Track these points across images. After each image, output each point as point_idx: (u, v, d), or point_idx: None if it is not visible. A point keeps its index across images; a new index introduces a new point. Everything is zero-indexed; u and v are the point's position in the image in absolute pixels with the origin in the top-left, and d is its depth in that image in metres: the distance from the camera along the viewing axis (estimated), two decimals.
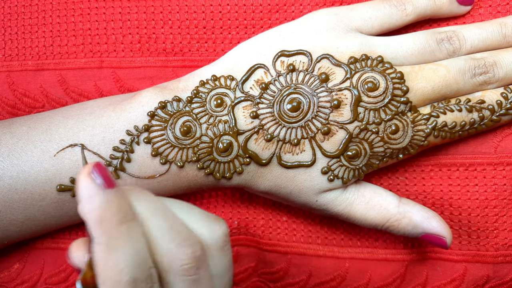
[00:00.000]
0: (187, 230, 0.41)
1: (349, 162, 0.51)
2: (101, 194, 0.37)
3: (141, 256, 0.38)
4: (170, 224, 0.40)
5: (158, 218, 0.40)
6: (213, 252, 0.43)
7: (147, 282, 0.38)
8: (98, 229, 0.37)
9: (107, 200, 0.37)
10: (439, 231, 0.52)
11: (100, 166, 0.38)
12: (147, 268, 0.38)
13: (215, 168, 0.51)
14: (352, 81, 0.50)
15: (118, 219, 0.37)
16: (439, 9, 0.54)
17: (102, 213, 0.37)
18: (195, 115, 0.51)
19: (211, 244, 0.43)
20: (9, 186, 0.50)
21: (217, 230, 0.43)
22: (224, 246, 0.44)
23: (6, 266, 0.59)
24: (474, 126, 0.52)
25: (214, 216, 0.45)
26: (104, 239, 0.37)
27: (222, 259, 0.44)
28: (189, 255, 0.40)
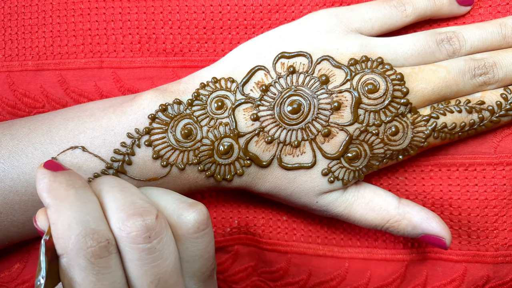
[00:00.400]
0: (143, 202, 0.43)
1: (349, 164, 0.51)
2: (49, 172, 0.44)
3: (91, 216, 0.41)
4: (125, 196, 0.43)
5: (114, 192, 0.43)
6: (182, 236, 0.44)
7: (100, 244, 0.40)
8: (47, 196, 0.42)
9: (54, 175, 0.43)
10: (438, 232, 0.52)
11: (50, 161, 0.45)
12: (99, 231, 0.41)
13: (216, 170, 0.51)
14: (352, 83, 0.50)
15: (65, 185, 0.42)
16: (439, 10, 0.54)
17: (50, 183, 0.42)
18: (196, 118, 0.51)
19: (179, 228, 0.44)
20: (10, 188, 0.50)
21: (186, 215, 0.44)
22: (194, 233, 0.44)
23: (7, 266, 0.59)
24: (473, 127, 0.52)
25: (191, 202, 0.45)
26: (53, 202, 0.41)
27: (193, 246, 0.45)
28: (137, 224, 0.41)
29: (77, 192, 0.42)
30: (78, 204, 0.41)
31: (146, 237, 0.41)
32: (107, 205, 0.43)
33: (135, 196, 0.43)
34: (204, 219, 0.45)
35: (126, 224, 0.41)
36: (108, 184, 0.45)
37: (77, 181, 0.43)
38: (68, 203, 0.41)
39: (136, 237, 0.41)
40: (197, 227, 0.44)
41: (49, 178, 0.43)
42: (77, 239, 0.40)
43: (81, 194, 0.42)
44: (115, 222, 0.42)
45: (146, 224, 0.41)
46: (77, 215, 0.40)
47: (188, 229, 0.44)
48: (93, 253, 0.40)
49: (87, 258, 0.40)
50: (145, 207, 0.42)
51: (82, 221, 0.40)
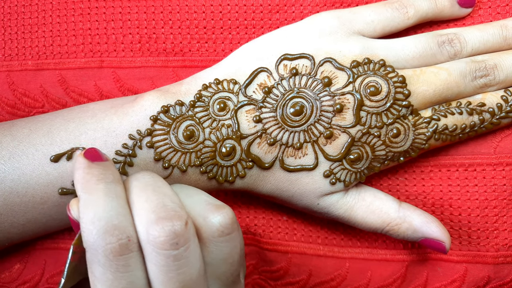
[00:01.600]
0: (175, 206, 0.42)
1: (351, 166, 0.51)
2: (85, 163, 0.44)
3: (115, 211, 0.41)
4: (159, 197, 0.42)
5: (147, 191, 0.43)
6: (207, 239, 0.44)
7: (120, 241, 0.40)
8: (79, 188, 0.42)
9: (89, 166, 0.43)
10: (438, 236, 0.52)
11: (91, 149, 0.46)
12: (120, 227, 0.40)
13: (218, 172, 0.51)
14: (354, 85, 0.50)
15: (96, 178, 0.42)
16: (440, 12, 0.55)
17: (84, 175, 0.43)
18: (198, 119, 0.51)
19: (204, 231, 0.44)
20: (10, 189, 0.49)
21: (211, 218, 0.44)
22: (220, 236, 0.44)
23: (7, 266, 0.59)
24: (474, 129, 0.53)
25: (218, 205, 0.45)
26: (83, 194, 0.42)
27: (217, 249, 0.44)
28: (166, 229, 0.40)
29: (107, 187, 0.42)
30: (104, 198, 0.41)
31: (173, 244, 0.40)
32: (137, 203, 0.42)
33: (167, 197, 0.43)
34: (230, 223, 0.44)
35: (154, 228, 0.40)
36: (142, 181, 0.44)
37: (109, 175, 0.43)
38: (96, 197, 0.41)
39: (163, 242, 0.40)
40: (222, 230, 0.44)
41: (84, 169, 0.43)
42: (98, 234, 0.40)
43: (110, 189, 0.42)
44: (143, 223, 0.41)
45: (175, 230, 0.40)
46: (100, 210, 0.40)
47: (213, 233, 0.44)
48: (112, 250, 0.40)
49: (106, 254, 0.40)
50: (176, 211, 0.41)
51: (105, 217, 0.40)
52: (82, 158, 0.44)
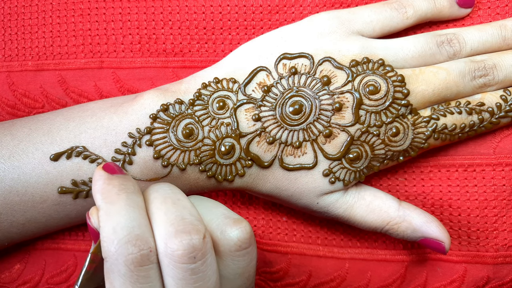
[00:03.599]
0: (193, 219, 0.42)
1: (350, 165, 0.51)
2: (105, 175, 0.43)
3: (137, 222, 0.41)
4: (178, 209, 0.42)
5: (167, 204, 0.43)
6: (224, 253, 0.44)
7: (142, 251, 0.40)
8: (100, 198, 0.42)
9: (109, 177, 0.43)
10: (438, 236, 0.52)
11: (109, 163, 0.45)
12: (143, 238, 0.40)
13: (217, 171, 0.51)
14: (353, 84, 0.50)
15: (117, 189, 0.42)
16: (439, 12, 0.55)
17: (104, 186, 0.42)
18: (197, 118, 0.51)
19: (221, 245, 0.44)
20: (10, 188, 0.50)
21: (229, 232, 0.44)
22: (236, 251, 0.44)
23: (7, 267, 0.59)
24: (473, 128, 0.53)
25: (236, 219, 0.45)
26: (104, 204, 0.41)
27: (233, 263, 0.44)
28: (184, 243, 0.40)
29: (128, 197, 0.42)
30: (126, 209, 0.41)
31: (191, 257, 0.40)
32: (156, 215, 0.42)
33: (186, 210, 0.43)
34: (247, 237, 0.44)
35: (173, 241, 0.40)
36: (162, 193, 0.44)
37: (130, 186, 0.43)
38: (118, 208, 0.41)
39: (181, 256, 0.40)
40: (239, 245, 0.44)
41: (104, 180, 0.43)
42: (120, 244, 0.39)
43: (131, 199, 0.42)
44: (162, 236, 0.41)
45: (193, 244, 0.40)
46: (123, 220, 0.40)
47: (230, 247, 0.44)
48: (133, 260, 0.40)
49: (127, 264, 0.39)
50: (194, 225, 0.41)
51: (127, 227, 0.40)
52: (101, 170, 0.44)
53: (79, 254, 0.60)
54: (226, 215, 0.45)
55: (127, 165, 0.50)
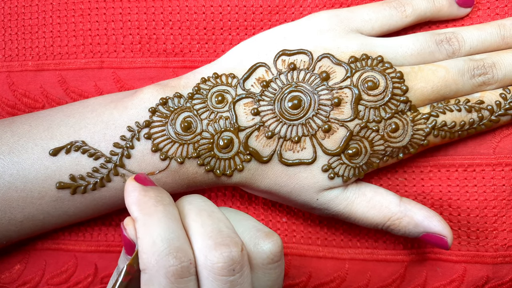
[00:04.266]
0: (230, 232, 0.42)
1: (349, 160, 0.51)
2: (140, 186, 0.44)
3: (176, 234, 0.41)
4: (214, 222, 0.42)
5: (202, 216, 0.43)
6: (256, 265, 0.44)
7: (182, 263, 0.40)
8: (136, 209, 0.42)
9: (144, 189, 0.43)
10: (440, 231, 0.51)
11: (140, 174, 0.45)
12: (183, 250, 0.40)
13: (216, 165, 0.51)
14: (352, 80, 0.51)
15: (154, 201, 0.42)
16: (438, 11, 0.55)
17: (140, 197, 0.42)
18: (196, 111, 0.51)
19: (254, 258, 0.44)
20: (9, 184, 0.50)
21: (262, 245, 0.44)
22: (269, 264, 0.44)
23: (7, 267, 0.59)
24: (473, 126, 0.53)
25: (268, 232, 0.45)
26: (141, 216, 0.41)
27: (265, 276, 0.44)
28: (224, 255, 0.40)
29: (165, 209, 0.42)
30: (165, 221, 0.41)
31: (230, 270, 0.40)
32: (193, 227, 0.42)
33: (221, 223, 0.43)
34: (279, 250, 0.44)
35: (213, 254, 0.40)
36: (197, 205, 0.44)
37: (166, 198, 0.43)
38: (156, 219, 0.41)
39: (221, 268, 0.40)
40: (272, 258, 0.44)
41: (140, 192, 0.43)
42: (160, 256, 0.39)
43: (168, 211, 0.42)
44: (201, 248, 0.41)
45: (232, 256, 0.40)
46: (162, 232, 0.40)
47: (263, 260, 0.44)
48: (174, 272, 0.39)
49: (168, 276, 0.39)
50: (231, 237, 0.41)
51: (167, 239, 0.40)
52: (134, 181, 0.44)
53: (79, 255, 0.59)
54: (257, 228, 0.45)
55: (125, 158, 0.50)
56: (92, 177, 0.50)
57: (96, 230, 0.60)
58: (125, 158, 0.50)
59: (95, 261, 0.59)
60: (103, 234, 0.60)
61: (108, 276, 0.59)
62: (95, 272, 0.59)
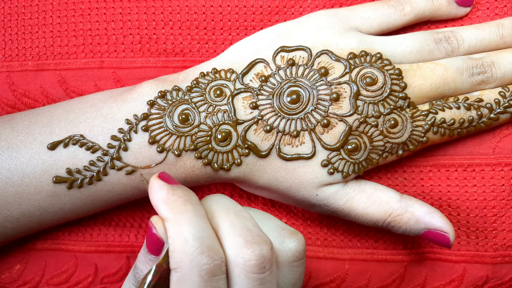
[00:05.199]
0: (258, 230, 0.43)
1: (349, 156, 0.51)
2: (166, 185, 0.43)
3: (207, 233, 0.41)
4: (242, 221, 0.43)
5: (230, 215, 0.43)
6: (281, 263, 0.44)
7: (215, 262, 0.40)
8: (165, 208, 0.42)
9: (172, 188, 0.43)
10: (441, 227, 0.51)
11: (164, 172, 0.45)
12: (214, 249, 0.41)
13: (214, 159, 0.51)
14: (351, 76, 0.51)
15: (183, 199, 0.42)
16: (437, 10, 0.55)
17: (168, 196, 0.42)
18: (194, 104, 0.51)
19: (280, 256, 0.44)
20: (6, 179, 0.50)
21: (288, 243, 0.44)
22: (294, 261, 0.44)
23: (7, 267, 0.59)
24: (472, 124, 0.53)
25: (292, 231, 0.45)
26: (172, 215, 0.41)
27: (290, 273, 0.45)
28: (256, 253, 0.40)
29: (194, 208, 0.42)
30: (195, 220, 0.41)
31: (261, 267, 0.41)
32: (222, 227, 0.42)
33: (249, 221, 0.43)
34: (303, 249, 0.44)
35: (245, 251, 0.40)
36: (223, 205, 0.44)
37: (193, 197, 0.43)
38: (187, 218, 0.41)
39: (253, 266, 0.40)
40: (297, 256, 0.44)
41: (167, 190, 0.43)
42: (194, 255, 0.39)
43: (198, 210, 0.42)
44: (232, 246, 0.41)
45: (263, 254, 0.41)
46: (194, 231, 0.40)
47: (289, 258, 0.44)
48: (207, 271, 0.40)
49: (201, 275, 0.39)
50: (261, 236, 0.42)
51: (199, 238, 0.40)
52: (160, 180, 0.44)
53: (79, 255, 0.59)
54: (281, 227, 0.45)
55: (122, 151, 0.50)
56: (89, 171, 0.50)
57: (96, 230, 0.60)
58: (122, 150, 0.50)
59: (95, 261, 0.59)
60: (103, 234, 0.60)
61: (108, 276, 0.59)
62: (95, 272, 0.59)
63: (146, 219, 0.60)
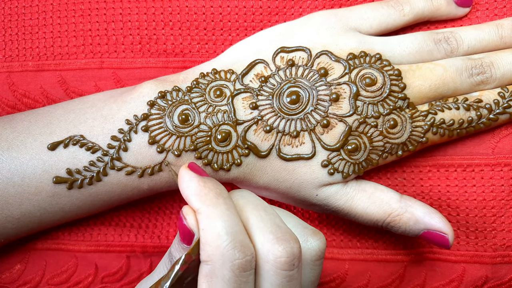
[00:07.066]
0: (287, 227, 0.43)
1: (349, 156, 0.51)
2: (197, 176, 0.43)
3: (238, 228, 0.41)
4: (271, 217, 0.43)
5: (259, 211, 0.43)
6: (304, 261, 0.44)
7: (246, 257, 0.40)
8: (198, 201, 0.42)
9: (203, 180, 0.43)
10: (441, 228, 0.51)
11: (193, 163, 0.45)
12: (246, 244, 0.41)
13: (213, 159, 0.51)
14: (350, 76, 0.51)
15: (214, 192, 0.42)
16: (437, 10, 0.55)
17: (200, 188, 0.42)
18: (194, 104, 0.51)
19: (304, 254, 0.44)
20: (7, 179, 0.50)
21: (311, 241, 0.45)
22: (316, 260, 0.45)
23: (8, 267, 0.59)
24: (472, 125, 0.53)
25: (314, 230, 0.46)
26: (205, 208, 0.41)
27: (310, 272, 0.45)
28: (287, 250, 0.41)
29: (226, 202, 0.42)
30: (228, 214, 0.41)
31: (291, 264, 0.41)
32: (252, 222, 0.43)
33: (277, 218, 0.43)
34: (324, 248, 0.45)
35: (276, 248, 0.41)
36: (251, 200, 0.45)
37: (224, 190, 0.44)
38: (220, 212, 0.41)
39: (284, 263, 0.41)
40: (319, 255, 0.45)
41: (199, 182, 0.43)
42: (226, 249, 0.40)
43: (229, 204, 0.42)
44: (263, 243, 0.41)
45: (293, 251, 0.41)
46: (227, 225, 0.40)
47: (312, 256, 0.44)
48: (239, 266, 0.40)
49: (233, 269, 0.40)
50: (290, 233, 0.42)
51: (232, 232, 0.40)
52: (190, 170, 0.44)
53: (79, 255, 0.59)
54: (304, 225, 0.46)
55: (122, 151, 0.50)
56: (89, 171, 0.50)
57: (96, 230, 0.60)
58: (122, 151, 0.50)
59: (95, 261, 0.59)
60: (103, 234, 0.60)
61: (108, 276, 0.59)
62: (95, 272, 0.59)
63: (146, 219, 0.60)
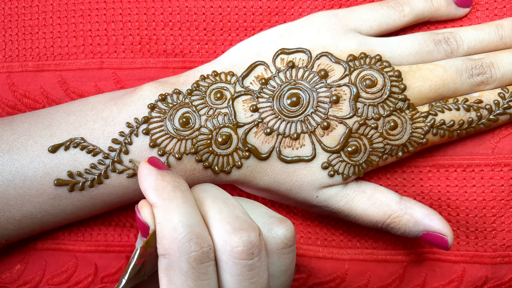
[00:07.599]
0: (246, 217, 0.43)
1: (349, 158, 0.51)
2: (156, 170, 0.44)
3: (195, 220, 0.41)
4: (230, 208, 0.43)
5: (218, 203, 0.44)
6: (271, 251, 0.44)
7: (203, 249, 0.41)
8: (154, 195, 0.42)
9: (161, 173, 0.43)
10: (440, 229, 0.51)
11: (153, 157, 0.46)
12: (203, 236, 0.41)
13: (214, 162, 0.51)
14: (350, 78, 0.51)
15: (172, 186, 0.42)
16: (436, 11, 0.55)
17: (157, 182, 0.43)
18: (194, 107, 0.51)
19: (269, 243, 0.44)
20: (8, 181, 0.50)
21: (276, 230, 0.45)
22: (283, 248, 0.45)
23: (8, 267, 0.59)
24: (472, 126, 0.53)
25: (280, 218, 0.46)
26: (160, 201, 0.42)
27: (279, 261, 0.45)
28: (243, 239, 0.41)
29: (183, 195, 0.42)
30: (184, 207, 0.41)
31: (249, 254, 0.41)
32: (210, 214, 0.43)
33: (237, 209, 0.44)
34: (292, 235, 0.45)
35: (232, 238, 0.41)
36: (211, 193, 0.45)
37: (183, 183, 0.44)
38: (176, 205, 0.41)
39: (241, 252, 0.41)
40: (286, 243, 0.45)
41: (156, 176, 0.43)
42: (182, 242, 0.40)
43: (187, 197, 0.42)
44: (220, 234, 0.42)
45: (251, 240, 0.41)
46: (183, 218, 0.41)
47: (278, 245, 0.44)
48: (195, 258, 0.40)
49: (189, 262, 0.40)
50: (248, 222, 0.42)
51: (188, 225, 0.40)
52: (149, 165, 0.44)
53: (79, 255, 0.59)
54: (269, 214, 0.46)
55: (123, 154, 0.50)
56: (90, 174, 0.50)
57: (96, 230, 0.60)
58: (123, 154, 0.50)
59: (95, 261, 0.59)
60: (103, 234, 0.60)
61: (108, 276, 0.59)
62: (95, 272, 0.59)
63: None
